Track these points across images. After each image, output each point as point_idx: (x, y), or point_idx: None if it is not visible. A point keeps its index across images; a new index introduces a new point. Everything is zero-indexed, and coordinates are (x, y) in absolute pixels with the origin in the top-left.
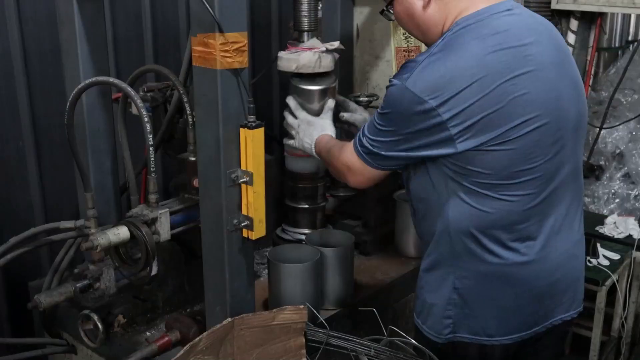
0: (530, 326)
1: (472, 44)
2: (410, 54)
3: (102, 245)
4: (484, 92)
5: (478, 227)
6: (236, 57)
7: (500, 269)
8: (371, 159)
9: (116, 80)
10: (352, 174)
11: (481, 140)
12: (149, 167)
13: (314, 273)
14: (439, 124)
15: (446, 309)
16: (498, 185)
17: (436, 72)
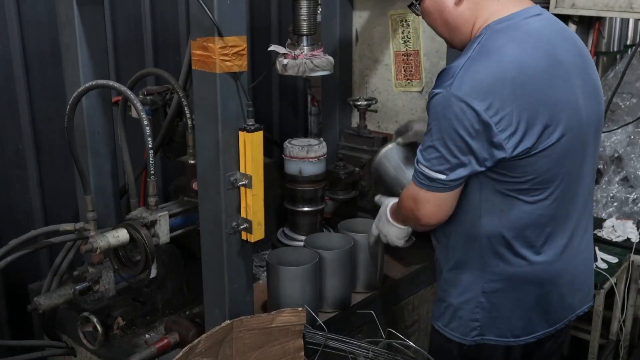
0: (553, 323)
1: (509, 46)
2: (409, 58)
3: (101, 248)
4: (525, 96)
5: (510, 231)
6: (235, 61)
7: (527, 270)
8: (432, 182)
9: (116, 84)
10: (421, 206)
11: (526, 145)
12: (148, 170)
13: (313, 276)
14: (488, 127)
15: (474, 312)
16: (531, 190)
17: (478, 74)
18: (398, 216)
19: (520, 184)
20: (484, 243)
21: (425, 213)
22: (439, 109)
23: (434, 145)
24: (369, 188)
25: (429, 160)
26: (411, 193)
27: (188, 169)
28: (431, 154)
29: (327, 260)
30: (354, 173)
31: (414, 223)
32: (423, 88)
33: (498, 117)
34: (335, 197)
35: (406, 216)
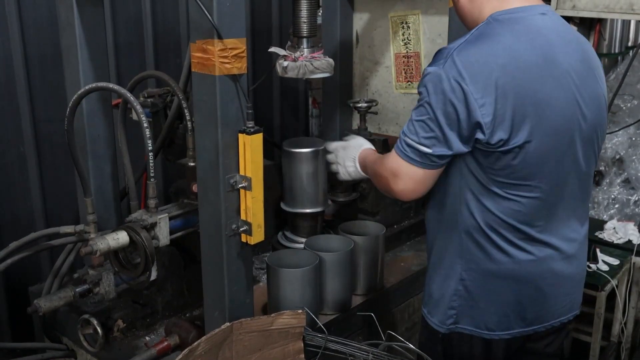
0: (530, 323)
1: (505, 36)
2: (410, 60)
3: (101, 250)
4: (512, 86)
5: (488, 223)
6: (235, 63)
7: (507, 266)
8: (417, 156)
9: (116, 86)
10: (399, 180)
11: (502, 135)
12: (148, 172)
13: (313, 278)
14: (473, 107)
15: (451, 300)
16: (510, 185)
17: (471, 56)
18: (366, 170)
19: (497, 176)
20: (464, 232)
21: (403, 188)
22: (430, 85)
23: (423, 120)
24: (369, 190)
25: (415, 133)
26: (392, 165)
27: (188, 171)
28: (420, 127)
29: (327, 262)
30: None
31: (385, 191)
32: None
33: (483, 100)
34: (335, 199)
35: (379, 183)
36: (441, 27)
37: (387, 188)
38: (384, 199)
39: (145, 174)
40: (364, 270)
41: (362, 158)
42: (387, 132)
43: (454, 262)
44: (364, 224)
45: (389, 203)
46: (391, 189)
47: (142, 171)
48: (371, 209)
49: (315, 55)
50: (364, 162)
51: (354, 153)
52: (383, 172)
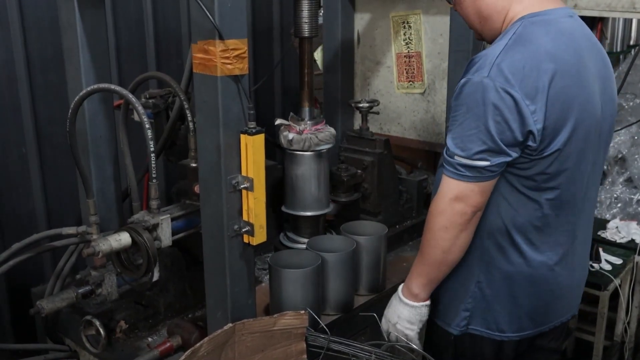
0: (538, 325)
1: (544, 39)
2: (411, 60)
3: (103, 251)
4: (558, 91)
5: (515, 225)
6: (236, 64)
7: (526, 269)
8: (475, 172)
9: (118, 87)
10: (467, 201)
11: (548, 141)
12: (150, 173)
13: (315, 278)
14: (525, 115)
15: (466, 302)
16: (540, 187)
17: (517, 62)
18: (421, 269)
19: (529, 179)
20: (487, 234)
21: (474, 205)
22: (476, 96)
23: (471, 134)
24: (371, 190)
25: (466, 150)
26: (450, 194)
27: (190, 172)
28: (470, 142)
29: (329, 262)
30: (356, 175)
31: (455, 231)
32: (425, 90)
33: (534, 106)
34: (337, 200)
35: (445, 220)
36: (443, 27)
37: (454, 219)
38: (386, 199)
39: (147, 175)
40: (366, 270)
41: (406, 287)
42: (389, 132)
43: (473, 266)
44: (366, 224)
45: (390, 203)
46: (459, 214)
47: (144, 172)
48: (373, 209)
49: (318, 127)
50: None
51: (398, 294)
52: (441, 206)
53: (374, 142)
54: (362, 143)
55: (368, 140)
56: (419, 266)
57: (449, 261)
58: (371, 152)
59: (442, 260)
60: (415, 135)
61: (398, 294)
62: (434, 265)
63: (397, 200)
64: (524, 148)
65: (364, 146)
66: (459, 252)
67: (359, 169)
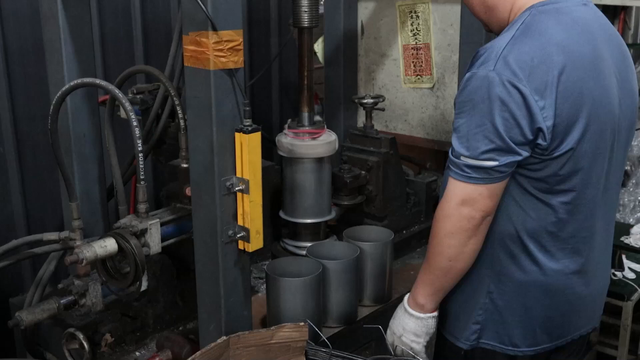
0: (555, 338)
1: (555, 29)
2: (419, 52)
3: (88, 259)
4: (570, 85)
5: (527, 231)
6: (231, 57)
7: (540, 278)
8: (483, 173)
9: (103, 82)
10: (474, 205)
11: (559, 139)
12: (138, 174)
13: (316, 288)
14: (534, 112)
15: (477, 314)
16: (553, 190)
17: (525, 54)
18: (427, 278)
19: (540, 181)
20: (498, 241)
21: (483, 209)
22: (482, 91)
23: (477, 132)
24: (376, 193)
25: (472, 149)
26: (459, 197)
27: (181, 173)
28: (476, 141)
29: (331, 271)
30: (359, 177)
31: (463, 237)
32: (434, 84)
33: (543, 102)
34: (339, 203)
35: (459, 228)
36: (453, 17)
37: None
38: (392, 202)
39: (134, 177)
40: (371, 279)
41: (412, 297)
42: (395, 129)
43: (483, 275)
44: (370, 230)
45: (397, 207)
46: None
47: (131, 173)
48: (378, 213)
49: (319, 133)
50: (417, 292)
51: (404, 305)
52: (448, 210)
53: (379, 141)
54: (366, 142)
55: (373, 138)
56: (425, 274)
57: (457, 270)
58: (376, 152)
59: (449, 269)
60: (423, 134)
61: (403, 304)
62: (441, 273)
63: (404, 203)
64: (534, 147)
65: (368, 145)
66: (468, 260)
67: (363, 170)
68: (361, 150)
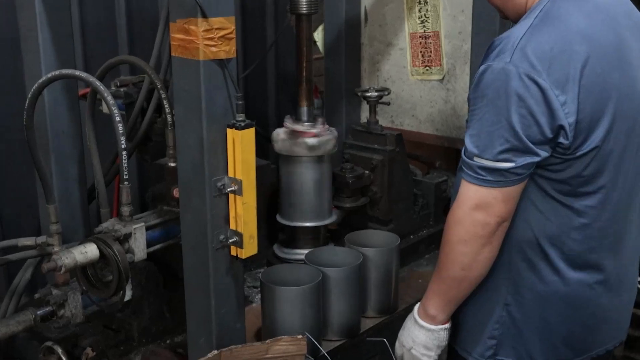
0: (576, 354)
1: (576, 17)
2: (428, 41)
3: (67, 266)
4: (593, 76)
5: (547, 238)
6: (222, 46)
7: (562, 289)
8: (498, 176)
9: (83, 74)
10: (489, 210)
11: (582, 137)
12: (121, 174)
13: (315, 297)
14: (554, 107)
15: (492, 328)
16: (576, 192)
17: (544, 44)
18: (438, 287)
19: (562, 183)
20: (515, 248)
21: (498, 214)
22: (497, 84)
23: (492, 131)
24: (381, 194)
25: (486, 150)
26: (472, 201)
27: (168, 173)
28: (490, 141)
29: (332, 279)
30: (363, 177)
31: (481, 242)
32: (444, 76)
33: (564, 97)
34: (341, 205)
35: (472, 235)
36: (464, 2)
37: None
38: (398, 205)
39: (117, 177)
40: (375, 288)
41: (422, 307)
42: (402, 125)
43: (499, 285)
44: (374, 234)
45: (403, 209)
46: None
47: (114, 173)
48: (383, 216)
49: (319, 129)
50: (427, 303)
51: (414, 315)
52: (459, 216)
53: (384, 138)
54: (370, 139)
55: (377, 135)
56: (436, 284)
57: (470, 279)
58: (381, 150)
59: (462, 278)
60: (432, 130)
61: (413, 314)
62: (453, 283)
63: (411, 205)
64: (555, 146)
65: (372, 142)
66: (482, 269)
67: (367, 170)
68: (364, 147)
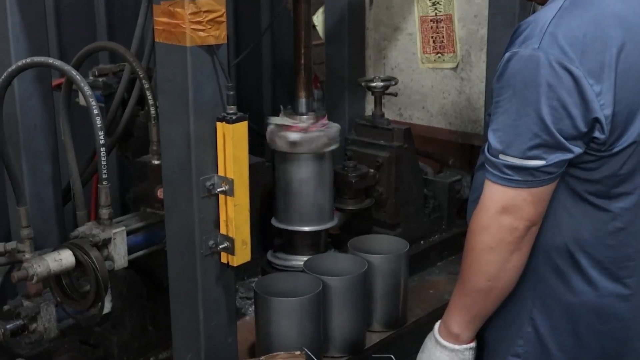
0: None
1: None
2: (439, 25)
3: (39, 275)
4: (630, 64)
5: (578, 244)
6: (211, 31)
7: (594, 301)
8: (527, 175)
9: (57, 61)
10: (516, 213)
11: (618, 132)
12: (100, 173)
13: (315, 309)
14: (588, 98)
15: (516, 345)
16: (611, 194)
17: (576, 28)
18: (462, 302)
19: (597, 183)
20: (543, 255)
21: (527, 218)
22: (524, 73)
23: (519, 125)
24: (387, 195)
25: (512, 146)
26: (498, 204)
27: (151, 171)
28: (517, 136)
29: (333, 289)
30: (367, 176)
31: (509, 250)
32: (458, 64)
33: (600, 86)
34: (343, 208)
35: (499, 241)
36: None
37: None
38: (406, 207)
39: (96, 176)
40: (381, 299)
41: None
42: (411, 119)
43: (523, 297)
44: (381, 239)
45: (412, 212)
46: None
47: (91, 172)
48: (390, 220)
49: (324, 121)
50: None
51: (434, 335)
52: (485, 230)
53: (391, 133)
54: (375, 134)
55: (383, 130)
56: (459, 298)
57: (498, 291)
58: (387, 146)
59: (489, 290)
60: (445, 124)
61: (434, 334)
62: (479, 296)
63: (420, 208)
64: (589, 142)
65: (377, 138)
66: (510, 279)
67: (371, 168)
68: (369, 144)
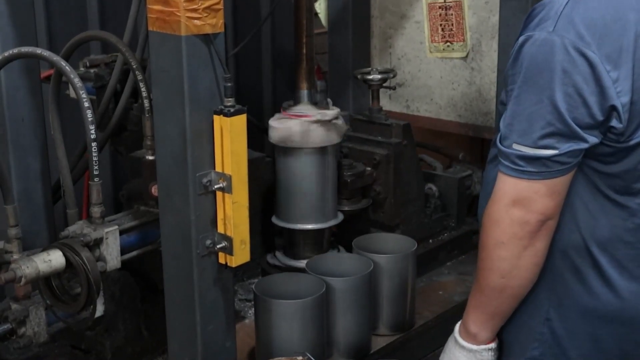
0: None
1: None
2: (448, 12)
3: (28, 277)
4: None
5: (597, 242)
6: (207, 19)
7: (613, 302)
8: (540, 166)
9: (46, 52)
10: (530, 206)
11: (637, 121)
12: (91, 169)
13: (318, 312)
14: (604, 85)
15: (531, 347)
16: (633, 190)
17: (592, 11)
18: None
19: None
20: (560, 253)
21: (541, 211)
22: (538, 58)
23: (532, 112)
24: (385, 195)
25: (525, 135)
26: (509, 197)
27: (145, 167)
28: (530, 124)
29: (337, 290)
30: (364, 175)
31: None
32: (468, 53)
33: (617, 72)
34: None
35: (511, 236)
36: None
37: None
38: (406, 207)
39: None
40: (387, 301)
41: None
42: (419, 111)
43: (540, 297)
44: (387, 238)
45: (413, 212)
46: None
47: (83, 168)
48: (388, 221)
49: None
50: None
51: (454, 336)
52: (496, 224)
53: (389, 128)
54: (372, 130)
55: (380, 125)
56: (476, 296)
57: (512, 288)
58: (385, 143)
59: (502, 288)
60: (454, 116)
61: (454, 334)
62: (493, 294)
63: (422, 208)
64: (606, 131)
65: (375, 134)
66: (524, 277)
67: (368, 166)
68: (366, 140)
